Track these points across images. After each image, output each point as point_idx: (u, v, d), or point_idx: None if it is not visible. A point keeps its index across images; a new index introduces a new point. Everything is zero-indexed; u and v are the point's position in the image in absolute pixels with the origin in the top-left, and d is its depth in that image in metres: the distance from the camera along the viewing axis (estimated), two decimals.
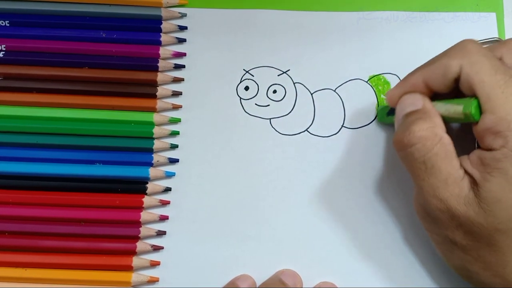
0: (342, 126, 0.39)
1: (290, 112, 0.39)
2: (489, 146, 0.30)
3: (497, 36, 0.40)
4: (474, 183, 0.30)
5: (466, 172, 0.31)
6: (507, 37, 0.40)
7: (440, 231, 0.32)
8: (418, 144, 0.31)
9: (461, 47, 0.32)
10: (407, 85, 0.34)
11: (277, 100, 0.39)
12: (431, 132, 0.31)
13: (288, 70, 0.40)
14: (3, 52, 0.39)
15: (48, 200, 0.37)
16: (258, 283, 0.36)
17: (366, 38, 0.40)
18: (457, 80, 0.32)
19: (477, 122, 0.31)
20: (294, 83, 0.39)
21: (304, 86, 0.39)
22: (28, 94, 0.38)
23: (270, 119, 0.39)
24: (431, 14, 0.41)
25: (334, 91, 0.39)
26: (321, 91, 0.39)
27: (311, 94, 0.39)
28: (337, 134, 0.38)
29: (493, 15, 0.41)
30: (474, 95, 0.31)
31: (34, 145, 0.38)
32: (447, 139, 0.31)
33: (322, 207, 0.37)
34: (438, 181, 0.31)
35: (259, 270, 0.36)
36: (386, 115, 0.37)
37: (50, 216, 0.36)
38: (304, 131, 0.39)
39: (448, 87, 0.32)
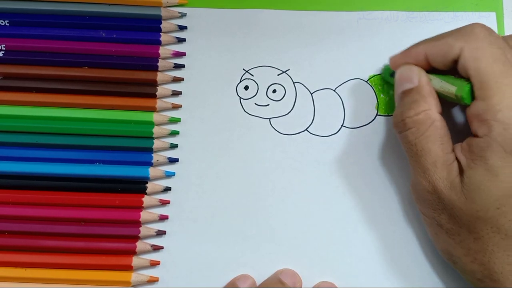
0: (342, 125, 0.39)
1: (290, 111, 0.39)
2: (475, 132, 0.31)
3: None
4: (461, 169, 0.31)
5: (456, 157, 0.32)
6: None
7: (429, 212, 0.33)
8: (412, 129, 0.32)
9: (469, 30, 0.32)
10: (409, 55, 0.35)
11: (277, 99, 0.39)
12: (425, 116, 0.32)
13: (288, 69, 0.40)
14: (3, 52, 0.39)
15: (48, 200, 0.37)
16: (258, 283, 0.36)
17: (366, 38, 0.40)
18: (456, 61, 0.32)
19: (468, 106, 0.31)
20: (294, 83, 0.39)
21: (304, 86, 0.39)
22: (28, 94, 0.38)
23: (269, 118, 0.39)
24: (431, 14, 0.41)
25: (334, 91, 0.39)
26: (321, 91, 0.39)
27: (311, 93, 0.39)
28: (336, 134, 0.38)
29: (493, 15, 0.41)
30: (469, 79, 0.31)
31: (34, 145, 0.38)
32: (439, 122, 0.32)
33: (321, 206, 0.37)
34: (427, 163, 0.32)
35: (259, 270, 0.36)
36: (389, 75, 0.37)
37: (50, 216, 0.36)
38: (304, 130, 0.39)
39: (446, 66, 0.33)
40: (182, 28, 0.40)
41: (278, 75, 0.40)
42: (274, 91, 0.39)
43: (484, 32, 0.32)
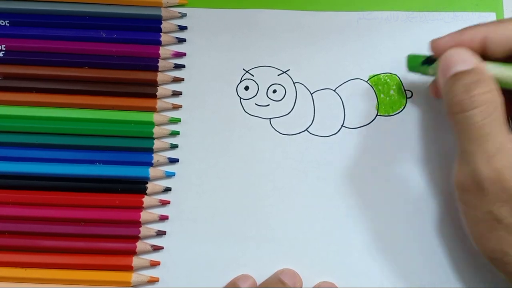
0: (342, 126, 0.39)
1: (290, 112, 0.39)
2: None
3: None
4: None
5: None
6: None
7: (484, 205, 0.30)
8: (480, 107, 0.30)
9: None
10: (462, 37, 0.32)
11: (277, 100, 0.39)
12: (492, 96, 0.30)
13: (288, 70, 0.40)
14: (3, 52, 0.39)
15: (48, 200, 0.37)
16: (259, 283, 0.36)
17: (366, 38, 0.40)
18: None
19: None
20: (294, 83, 0.39)
21: (304, 86, 0.39)
22: (28, 94, 0.38)
23: (270, 119, 0.39)
24: (431, 14, 0.41)
25: (334, 91, 0.39)
26: (321, 91, 0.39)
27: (311, 94, 0.39)
28: (337, 134, 0.38)
29: (492, 15, 0.41)
30: None
31: (34, 145, 0.38)
32: (503, 107, 0.30)
33: (321, 206, 0.37)
34: (493, 149, 0.29)
35: (259, 270, 0.36)
36: (420, 64, 0.35)
37: (50, 216, 0.36)
38: (304, 131, 0.39)
39: (505, 53, 0.31)
40: (182, 28, 0.40)
41: (278, 75, 0.40)
42: (274, 91, 0.39)
43: None
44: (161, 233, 0.36)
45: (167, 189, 0.37)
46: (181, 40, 0.40)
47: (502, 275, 0.31)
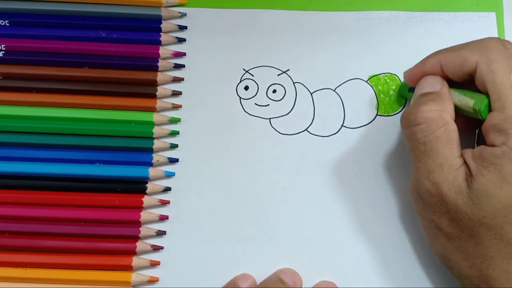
0: (342, 125, 0.39)
1: (290, 111, 0.39)
2: (491, 142, 0.31)
3: (497, 36, 0.40)
4: (470, 174, 0.31)
5: (465, 163, 0.31)
6: (507, 36, 0.40)
7: (428, 214, 0.33)
8: (423, 124, 0.32)
9: (484, 43, 0.32)
10: (425, 66, 0.34)
11: (277, 99, 0.39)
12: (438, 115, 0.32)
13: (288, 69, 0.40)
14: (3, 52, 0.39)
15: (48, 200, 0.37)
16: (258, 282, 0.36)
17: (366, 38, 0.40)
18: (471, 74, 0.32)
19: (484, 120, 0.31)
20: (294, 83, 0.39)
21: (304, 86, 0.39)
22: (28, 94, 0.38)
23: (269, 118, 0.39)
24: (431, 14, 0.41)
25: (334, 91, 0.39)
26: (321, 91, 0.39)
27: (311, 94, 0.39)
28: (336, 134, 0.38)
29: (493, 15, 0.41)
30: (486, 93, 0.31)
31: (34, 145, 0.38)
32: (452, 126, 0.32)
33: (321, 206, 0.37)
34: (434, 164, 0.31)
35: (259, 270, 0.36)
36: (407, 91, 0.37)
37: (50, 216, 0.36)
38: (303, 130, 0.39)
39: (461, 78, 0.33)
40: (182, 28, 0.40)
41: (278, 75, 0.40)
42: (274, 91, 0.39)
43: (498, 45, 0.32)
44: (161, 233, 0.36)
45: (167, 189, 0.37)
46: (181, 40, 0.40)
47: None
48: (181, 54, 0.40)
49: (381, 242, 0.36)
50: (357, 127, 0.39)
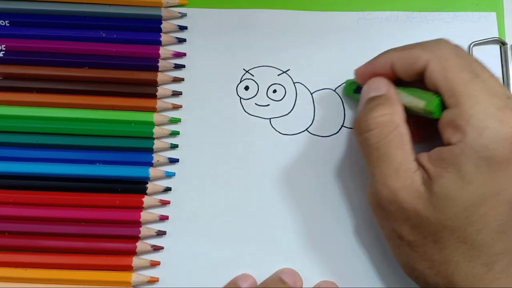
0: (342, 126, 0.39)
1: (290, 112, 0.39)
2: (448, 140, 0.30)
3: (497, 36, 0.40)
4: (428, 177, 0.30)
5: (422, 166, 0.31)
6: (507, 37, 0.40)
7: (388, 224, 0.32)
8: (374, 130, 0.31)
9: (435, 42, 0.32)
10: (376, 64, 0.34)
11: (277, 100, 0.39)
12: (389, 119, 0.31)
13: (288, 69, 0.40)
14: (3, 52, 0.39)
15: (48, 200, 0.37)
16: (259, 282, 0.36)
17: (366, 38, 0.40)
18: (421, 73, 0.32)
19: (438, 119, 0.31)
20: (294, 83, 0.39)
21: (304, 86, 0.39)
22: (28, 94, 0.38)
23: (270, 118, 0.39)
24: (431, 14, 0.41)
25: (334, 91, 0.39)
26: (321, 91, 0.39)
27: (311, 94, 0.39)
28: (337, 134, 0.38)
29: (493, 15, 0.41)
30: (436, 91, 0.31)
31: (34, 145, 0.38)
32: (403, 129, 0.31)
33: (321, 206, 0.37)
34: (389, 170, 0.31)
35: (259, 270, 0.36)
36: (353, 91, 0.37)
37: (50, 216, 0.36)
38: (304, 131, 0.39)
39: (411, 77, 0.33)
40: (182, 28, 0.40)
41: (278, 75, 0.40)
42: (275, 91, 0.39)
43: (450, 45, 0.32)
44: (161, 233, 0.36)
45: (167, 189, 0.37)
46: (181, 40, 0.40)
47: None
48: (181, 55, 0.40)
49: (381, 242, 0.36)
50: None
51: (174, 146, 0.38)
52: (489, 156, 0.29)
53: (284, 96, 0.39)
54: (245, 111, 0.39)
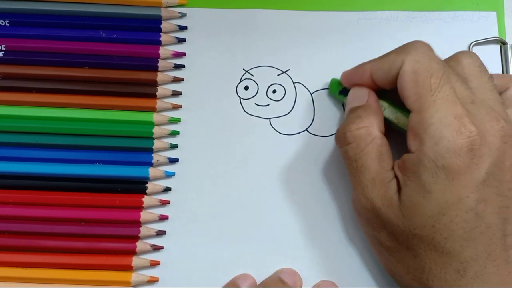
0: None
1: (290, 112, 0.39)
2: (409, 147, 0.31)
3: (498, 36, 0.40)
4: (398, 186, 0.31)
5: (396, 174, 0.31)
6: (507, 36, 0.40)
7: (369, 230, 0.33)
8: (352, 144, 0.32)
9: (410, 45, 0.33)
10: (357, 72, 0.35)
11: (277, 100, 0.39)
12: (365, 132, 0.32)
13: (288, 70, 0.40)
14: (3, 52, 0.39)
15: (48, 200, 0.37)
16: (258, 282, 0.36)
17: (366, 38, 0.40)
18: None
19: None
20: (293, 83, 0.39)
21: (304, 86, 0.39)
22: (28, 94, 0.38)
23: (269, 118, 0.39)
24: (431, 14, 0.41)
25: None
26: (321, 91, 0.39)
27: (311, 94, 0.39)
28: None
29: (493, 15, 0.41)
30: (403, 92, 0.31)
31: (34, 145, 0.38)
32: (380, 140, 0.32)
33: (321, 206, 0.37)
34: (366, 180, 0.32)
35: (259, 270, 0.36)
36: (338, 92, 0.37)
37: (50, 216, 0.36)
38: (303, 131, 0.39)
39: (391, 82, 0.33)
40: (182, 28, 0.40)
41: (278, 75, 0.40)
42: (274, 91, 0.39)
43: (425, 47, 0.32)
44: (161, 233, 0.36)
45: (167, 189, 0.37)
46: (181, 40, 0.40)
47: None
48: (181, 54, 0.40)
49: None
50: None
51: (174, 146, 0.38)
52: (446, 165, 0.29)
53: (284, 96, 0.39)
54: (245, 111, 0.39)
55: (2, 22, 0.40)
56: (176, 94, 0.39)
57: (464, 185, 0.29)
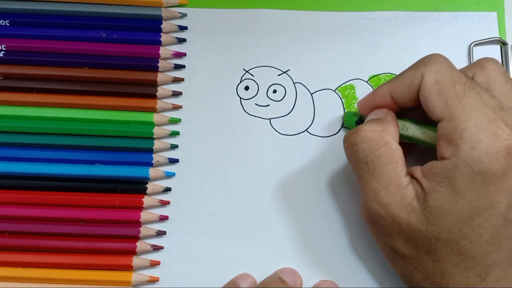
0: (342, 126, 0.39)
1: (290, 112, 0.39)
2: (441, 154, 0.30)
3: (498, 36, 0.40)
4: (422, 191, 0.30)
5: (415, 180, 0.31)
6: (508, 36, 0.40)
7: (381, 237, 0.32)
8: (363, 144, 0.32)
9: (427, 58, 0.32)
10: (376, 95, 0.34)
11: (277, 100, 0.39)
12: (378, 135, 0.31)
13: (288, 70, 0.40)
14: (3, 52, 0.39)
15: (48, 200, 0.37)
16: (258, 282, 0.36)
17: (366, 38, 0.40)
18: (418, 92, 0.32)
19: None
20: (294, 83, 0.39)
21: (304, 86, 0.39)
22: (28, 94, 0.38)
23: (270, 119, 0.39)
24: (431, 14, 0.40)
25: (334, 91, 0.39)
26: (321, 91, 0.39)
27: (311, 94, 0.39)
28: (337, 134, 0.38)
29: (493, 15, 0.41)
30: (427, 103, 0.31)
31: (34, 145, 0.38)
32: (394, 145, 0.31)
33: (321, 207, 0.37)
34: (379, 185, 0.31)
35: (259, 270, 0.36)
36: (355, 123, 0.37)
37: (50, 216, 0.36)
38: (304, 131, 0.39)
39: (412, 99, 0.32)
40: (182, 28, 0.40)
41: (278, 75, 0.40)
42: (275, 91, 0.39)
43: (440, 58, 0.32)
44: (161, 233, 0.36)
45: (167, 189, 0.37)
46: (181, 40, 0.40)
47: None
48: (181, 55, 0.40)
49: None
50: None
51: (174, 146, 0.38)
52: (483, 170, 0.29)
53: (284, 96, 0.39)
54: (245, 111, 0.39)
55: (2, 22, 0.40)
56: (176, 94, 0.39)
57: (499, 190, 0.29)
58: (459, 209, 0.29)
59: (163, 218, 0.37)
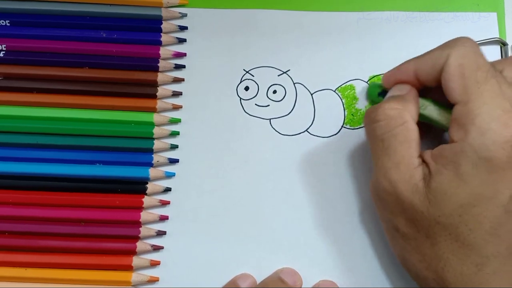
0: (342, 126, 0.39)
1: (290, 112, 0.39)
2: (451, 137, 0.31)
3: (498, 36, 0.40)
4: (428, 173, 0.30)
5: (425, 162, 0.31)
6: (508, 37, 0.40)
7: (385, 214, 0.33)
8: (382, 122, 0.32)
9: (455, 40, 0.33)
10: (400, 70, 0.35)
11: (277, 100, 0.39)
12: (397, 113, 0.32)
13: (288, 70, 0.40)
14: (3, 52, 0.39)
15: (48, 200, 0.37)
16: (258, 282, 0.36)
17: (366, 38, 0.40)
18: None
19: None
20: (294, 83, 0.39)
21: (304, 86, 0.39)
22: (28, 94, 0.38)
23: (270, 119, 0.39)
24: (431, 14, 0.40)
25: (334, 91, 0.39)
26: (321, 91, 0.39)
27: (311, 94, 0.39)
28: (337, 135, 0.39)
29: (493, 15, 0.41)
30: (448, 84, 0.31)
31: (34, 145, 0.38)
32: (411, 125, 0.32)
33: (321, 207, 0.37)
34: (391, 162, 0.31)
35: (259, 270, 0.36)
36: (377, 94, 0.37)
37: (50, 216, 0.36)
38: (304, 131, 0.39)
39: (435, 79, 0.33)
40: (182, 28, 0.40)
41: (278, 75, 0.40)
42: (275, 91, 0.39)
43: (471, 42, 0.32)
44: (161, 233, 0.37)
45: (167, 189, 0.37)
46: (182, 41, 0.40)
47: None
48: (181, 55, 0.40)
49: (381, 242, 0.36)
50: (357, 128, 0.39)
51: (174, 147, 0.38)
52: (489, 157, 0.29)
53: (284, 97, 0.39)
54: (245, 112, 0.39)
55: (2, 22, 0.40)
56: (176, 94, 0.39)
57: (502, 180, 0.29)
58: (460, 193, 0.29)
59: (163, 218, 0.37)
